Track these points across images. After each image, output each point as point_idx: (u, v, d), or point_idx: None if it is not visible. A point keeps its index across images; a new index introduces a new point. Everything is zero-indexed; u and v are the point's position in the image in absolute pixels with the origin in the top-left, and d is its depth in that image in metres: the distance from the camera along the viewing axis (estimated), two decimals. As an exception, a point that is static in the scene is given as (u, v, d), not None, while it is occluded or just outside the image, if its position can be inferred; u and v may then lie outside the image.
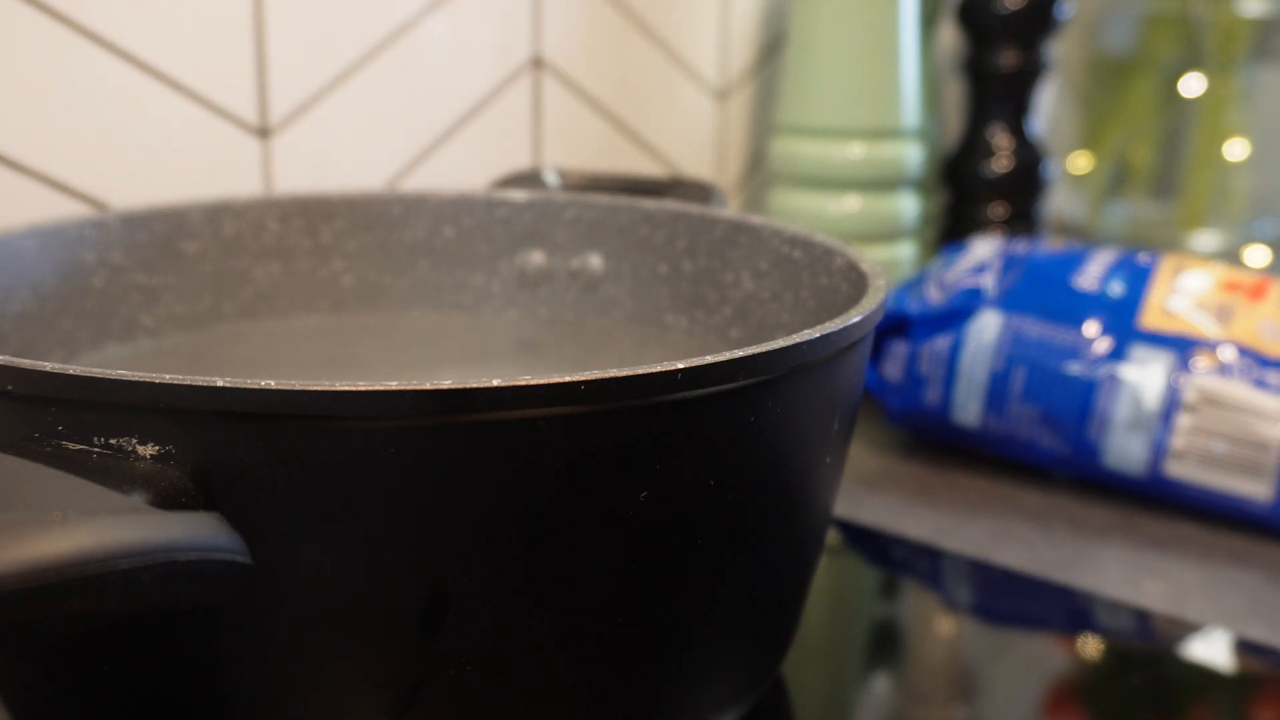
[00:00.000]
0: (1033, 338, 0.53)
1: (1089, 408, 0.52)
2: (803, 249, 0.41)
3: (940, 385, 0.55)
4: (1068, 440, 0.53)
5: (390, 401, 0.25)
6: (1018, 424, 0.54)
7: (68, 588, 0.21)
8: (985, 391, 0.54)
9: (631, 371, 0.26)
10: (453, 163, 0.62)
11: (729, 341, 0.44)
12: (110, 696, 0.29)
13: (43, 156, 0.48)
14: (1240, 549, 0.49)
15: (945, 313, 0.56)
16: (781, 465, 0.31)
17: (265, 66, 0.54)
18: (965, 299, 0.55)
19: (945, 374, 0.55)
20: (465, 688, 0.28)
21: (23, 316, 0.40)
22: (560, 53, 0.65)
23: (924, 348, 0.56)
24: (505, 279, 0.48)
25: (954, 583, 0.48)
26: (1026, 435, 0.54)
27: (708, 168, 0.74)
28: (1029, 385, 0.53)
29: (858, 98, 0.66)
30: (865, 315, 0.32)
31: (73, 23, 0.48)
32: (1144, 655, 0.43)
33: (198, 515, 0.25)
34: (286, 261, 0.47)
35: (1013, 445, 0.55)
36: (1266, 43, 0.82)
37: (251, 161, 0.54)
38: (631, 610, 0.29)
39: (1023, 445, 0.54)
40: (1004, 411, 0.54)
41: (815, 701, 0.39)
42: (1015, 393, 0.53)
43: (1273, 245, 0.84)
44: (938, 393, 0.56)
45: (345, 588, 0.27)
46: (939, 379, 0.55)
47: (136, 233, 0.44)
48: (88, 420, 0.25)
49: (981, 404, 0.54)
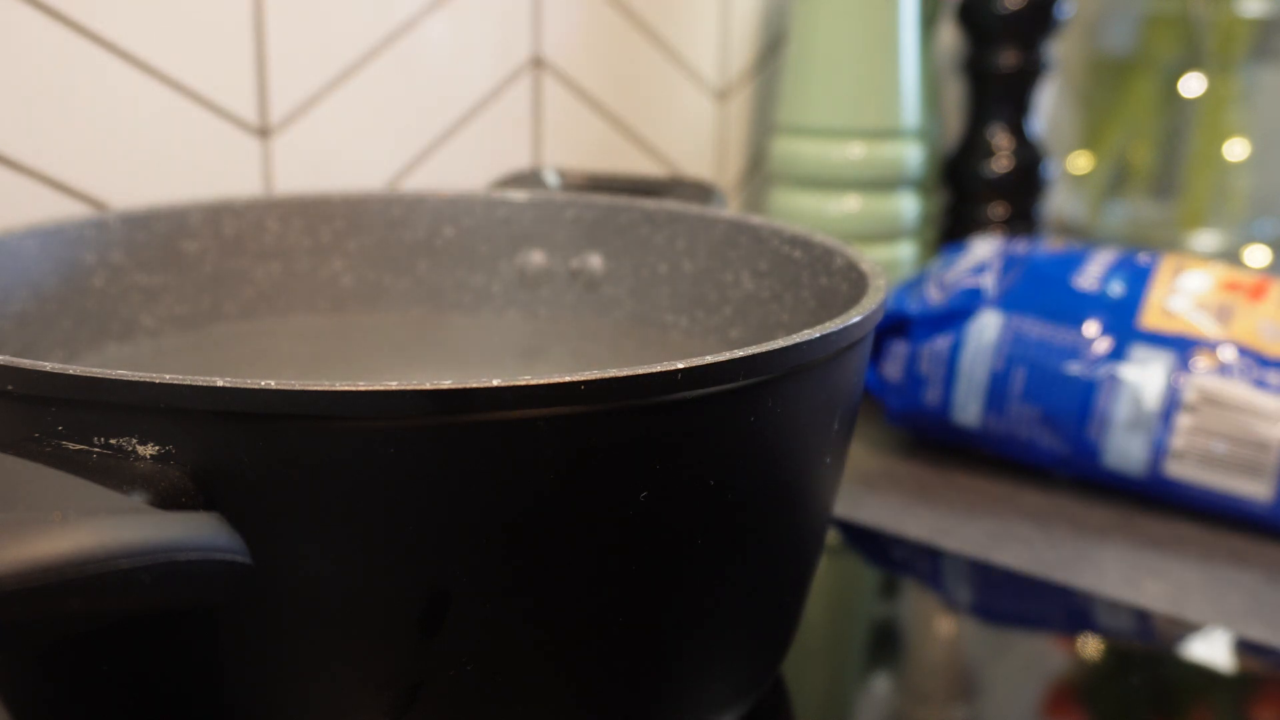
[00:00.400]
0: (1033, 338, 0.53)
1: (1089, 408, 0.52)
2: (803, 249, 0.41)
3: (940, 385, 0.55)
4: (1068, 440, 0.53)
5: (390, 401, 0.25)
6: (1018, 424, 0.54)
7: (68, 588, 0.21)
8: (985, 391, 0.54)
9: (631, 371, 0.26)
10: (453, 163, 0.62)
11: (729, 341, 0.44)
12: (110, 696, 0.29)
13: (43, 156, 0.48)
14: (1240, 549, 0.49)
15: (945, 313, 0.56)
16: (781, 465, 0.31)
17: (265, 66, 0.54)
18: (965, 299, 0.55)
19: (945, 374, 0.55)
20: (465, 688, 0.28)
21: (23, 316, 0.40)
22: (560, 53, 0.65)
23: (924, 348, 0.56)
24: (505, 279, 0.48)
25: (954, 583, 0.48)
26: (1026, 435, 0.54)
27: (708, 168, 0.74)
28: (1029, 385, 0.53)
29: (858, 98, 0.66)
30: (865, 315, 0.32)
31: (73, 23, 0.48)
32: (1144, 655, 0.43)
33: (198, 515, 0.25)
34: (286, 261, 0.47)
35: (1013, 445, 0.55)
36: (1266, 43, 0.82)
37: (251, 161, 0.54)
38: (631, 610, 0.29)
39: (1023, 445, 0.54)
40: (1004, 411, 0.54)
41: (815, 701, 0.39)
42: (1015, 393, 0.53)
43: (1273, 245, 0.84)
44: (938, 393, 0.56)
45: (345, 588, 0.27)
46: (939, 379, 0.55)
47: (136, 233, 0.44)
48: (88, 420, 0.25)
49: (981, 404, 0.54)
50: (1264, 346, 0.51)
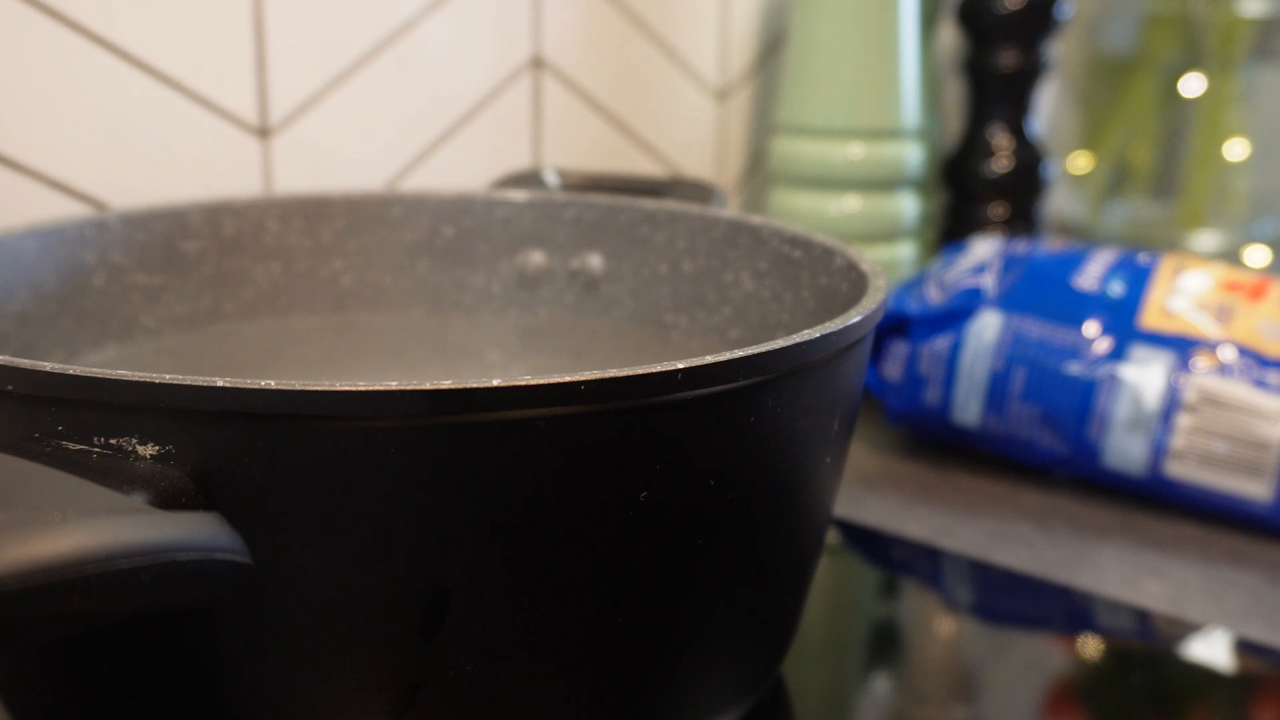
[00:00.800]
0: (1033, 338, 0.53)
1: (1089, 408, 0.52)
2: (803, 249, 0.41)
3: (940, 385, 0.55)
4: (1068, 440, 0.53)
5: (390, 401, 0.25)
6: (1018, 424, 0.54)
7: (68, 588, 0.21)
8: (985, 391, 0.54)
9: (631, 371, 0.26)
10: (453, 163, 0.62)
11: (729, 341, 0.44)
12: (111, 696, 0.29)
13: (43, 156, 0.48)
14: (1240, 549, 0.49)
15: (945, 313, 0.56)
16: (781, 465, 0.31)
17: (265, 66, 0.54)
18: (965, 299, 0.55)
19: (945, 374, 0.55)
20: (465, 688, 0.28)
21: (23, 316, 0.40)
22: (560, 53, 0.65)
23: (924, 348, 0.56)
24: (505, 279, 0.48)
25: (954, 583, 0.48)
26: (1026, 435, 0.54)
27: (708, 168, 0.74)
28: (1029, 385, 0.53)
29: (858, 98, 0.66)
30: (865, 315, 0.32)
31: (72, 23, 0.48)
32: (1144, 655, 0.43)
33: (198, 515, 0.25)
34: (286, 261, 0.47)
35: (1013, 445, 0.55)
36: (1266, 43, 0.82)
37: (251, 161, 0.54)
38: (631, 610, 0.29)
39: (1023, 445, 0.54)
40: (1004, 411, 0.54)
41: (815, 701, 0.39)
42: (1015, 393, 0.53)
43: (1273, 245, 0.84)
44: (938, 393, 0.56)
45: (345, 588, 0.27)
46: (939, 379, 0.55)
47: (136, 233, 0.44)
48: (88, 420, 0.25)
49: (981, 404, 0.54)
50: (1264, 346, 0.51)
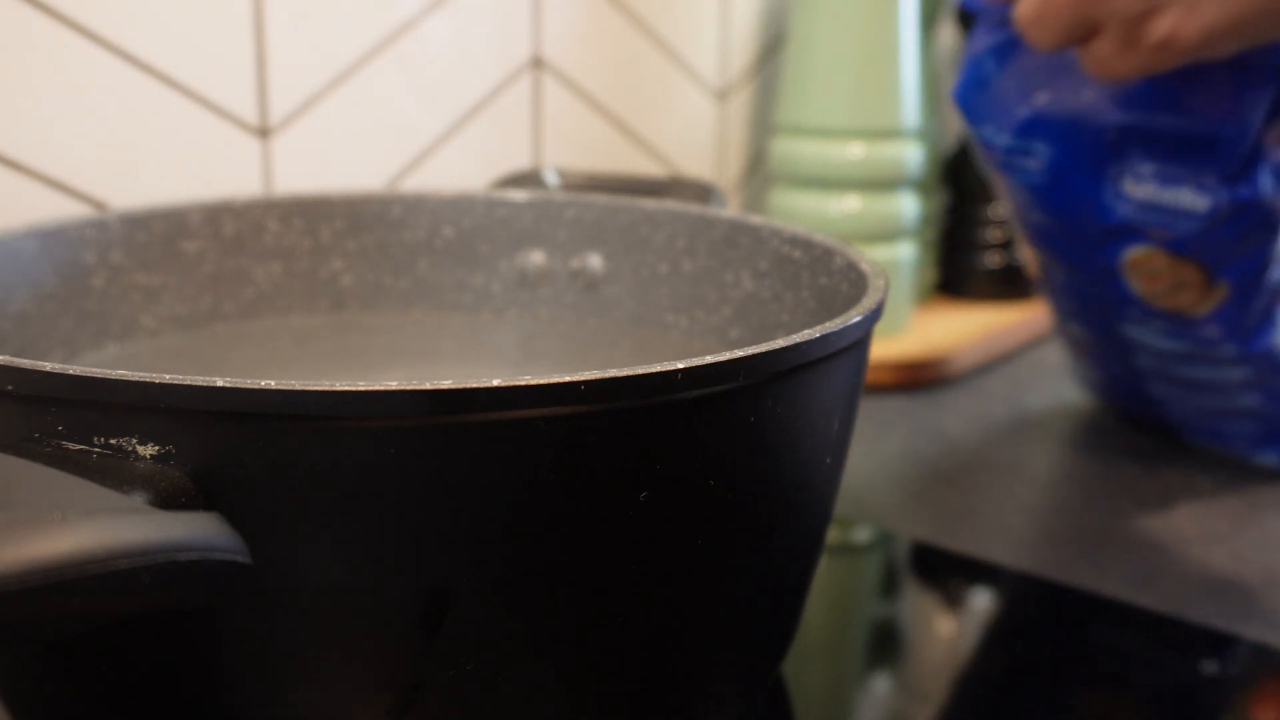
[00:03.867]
0: None
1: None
2: (803, 249, 0.41)
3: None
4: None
5: (390, 401, 0.25)
6: None
7: (68, 588, 0.21)
8: None
9: (631, 371, 0.26)
10: (453, 163, 0.62)
11: (729, 341, 0.44)
12: (111, 696, 0.29)
13: (43, 156, 0.48)
14: (1240, 549, 0.49)
15: None
16: (781, 465, 0.31)
17: (265, 66, 0.54)
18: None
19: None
20: (465, 688, 0.28)
21: (23, 316, 0.40)
22: (560, 53, 0.65)
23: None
24: (505, 279, 0.48)
25: (954, 583, 0.48)
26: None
27: (708, 168, 0.74)
28: None
29: (858, 98, 0.66)
30: (865, 315, 0.32)
31: (72, 22, 0.48)
32: (1144, 655, 0.43)
33: (198, 515, 0.25)
34: (286, 261, 0.47)
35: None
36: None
37: (251, 161, 0.54)
38: (631, 610, 0.29)
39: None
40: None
41: (815, 701, 0.39)
42: None
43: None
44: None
45: (345, 587, 0.27)
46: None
47: (136, 233, 0.44)
48: (88, 420, 0.25)
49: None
50: None
